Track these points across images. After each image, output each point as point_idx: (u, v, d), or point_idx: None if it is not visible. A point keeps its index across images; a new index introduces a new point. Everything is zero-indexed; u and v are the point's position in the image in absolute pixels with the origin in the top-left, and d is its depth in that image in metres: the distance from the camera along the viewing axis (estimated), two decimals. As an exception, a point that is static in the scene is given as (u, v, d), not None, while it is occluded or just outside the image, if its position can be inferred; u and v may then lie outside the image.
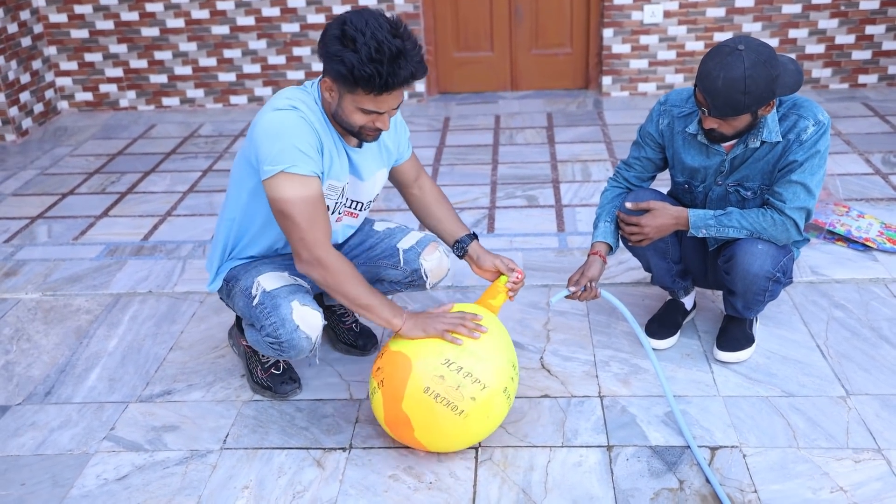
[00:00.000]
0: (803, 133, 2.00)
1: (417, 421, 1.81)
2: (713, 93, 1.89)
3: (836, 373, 2.18)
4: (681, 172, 2.20)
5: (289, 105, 1.81)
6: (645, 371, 2.24)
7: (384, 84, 1.70)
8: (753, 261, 2.07)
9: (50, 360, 2.44)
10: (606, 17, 4.57)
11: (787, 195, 2.04)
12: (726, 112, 1.92)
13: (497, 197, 3.43)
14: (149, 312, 2.67)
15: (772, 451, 1.91)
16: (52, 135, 4.54)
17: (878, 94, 4.51)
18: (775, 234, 2.07)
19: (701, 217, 2.10)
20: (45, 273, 2.94)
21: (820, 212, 2.94)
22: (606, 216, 2.22)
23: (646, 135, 2.22)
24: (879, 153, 3.66)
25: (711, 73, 1.89)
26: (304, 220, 1.78)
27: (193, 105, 4.88)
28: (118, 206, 3.53)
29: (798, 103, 2.05)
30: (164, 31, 4.72)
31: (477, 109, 4.62)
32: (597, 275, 2.12)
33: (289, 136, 1.77)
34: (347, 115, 1.80)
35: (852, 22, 4.50)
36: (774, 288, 2.15)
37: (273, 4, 4.63)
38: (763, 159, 2.07)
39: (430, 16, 4.74)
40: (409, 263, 2.11)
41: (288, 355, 1.94)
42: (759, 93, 1.88)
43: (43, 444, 2.07)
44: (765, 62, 1.87)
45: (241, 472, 1.94)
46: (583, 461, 1.91)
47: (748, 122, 1.97)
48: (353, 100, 1.76)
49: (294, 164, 1.76)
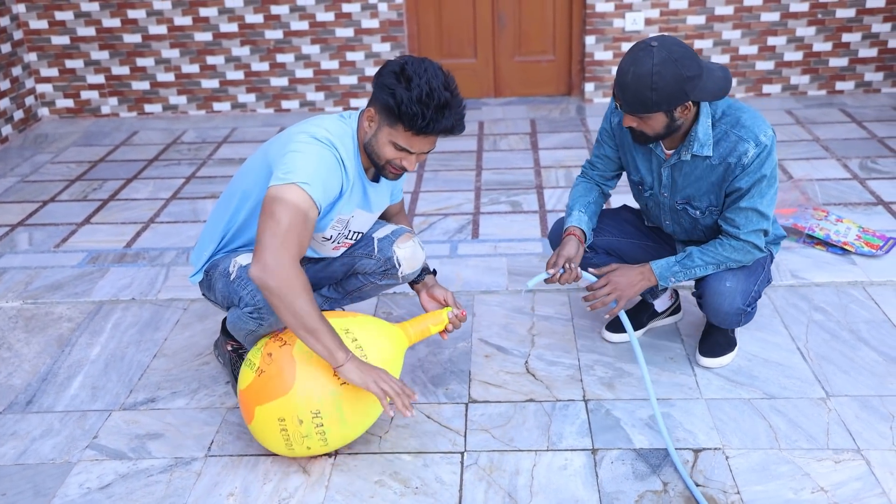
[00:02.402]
0: (744, 157, 1.98)
1: (257, 425, 1.88)
2: (623, 88, 1.90)
3: (816, 375, 2.21)
4: (633, 171, 2.21)
5: (327, 139, 1.87)
6: (629, 374, 2.26)
7: (425, 126, 1.81)
8: (723, 301, 2.09)
9: (31, 368, 2.42)
10: (588, 25, 4.62)
11: (739, 221, 2.04)
12: (636, 108, 1.90)
13: (481, 203, 3.45)
14: (132, 320, 2.65)
15: (754, 453, 1.93)
16: (33, 142, 4.50)
17: (855, 101, 4.59)
18: (739, 258, 2.08)
19: (665, 267, 2.10)
20: (25, 281, 2.91)
21: (799, 216, 2.99)
22: (580, 207, 2.21)
23: (603, 132, 2.24)
24: (857, 158, 3.72)
25: (622, 69, 1.90)
26: (286, 226, 1.76)
27: (176, 112, 4.86)
28: (100, 213, 3.51)
29: (740, 121, 1.99)
30: (147, 38, 4.70)
31: (460, 116, 4.64)
32: (573, 254, 2.09)
33: (316, 166, 1.83)
34: (379, 147, 1.89)
35: (829, 30, 4.58)
36: (749, 315, 2.17)
37: (256, 11, 4.63)
38: (703, 178, 2.05)
39: (414, 23, 4.76)
40: (382, 252, 2.13)
41: (268, 322, 1.95)
42: (667, 90, 1.86)
43: (24, 453, 2.04)
44: (675, 60, 1.86)
45: (227, 479, 1.93)
46: (568, 465, 1.92)
47: (665, 123, 1.94)
48: (389, 133, 1.86)
49: (309, 184, 1.80)
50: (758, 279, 2.14)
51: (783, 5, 4.54)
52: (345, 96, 4.80)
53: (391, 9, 4.61)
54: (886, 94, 4.67)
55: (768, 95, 4.73)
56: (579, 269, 2.09)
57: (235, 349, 2.22)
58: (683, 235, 2.24)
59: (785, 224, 2.96)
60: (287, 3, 4.62)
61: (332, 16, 4.64)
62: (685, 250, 2.12)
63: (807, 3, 4.53)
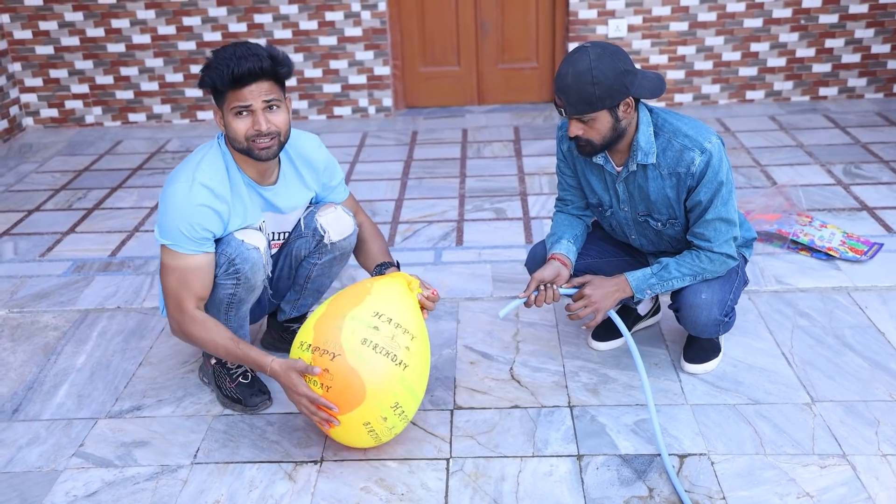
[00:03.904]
0: (692, 166, 1.99)
1: (340, 432, 1.91)
2: (565, 89, 1.92)
3: (801, 380, 2.23)
4: (591, 193, 2.22)
5: (191, 177, 1.96)
6: (614, 381, 2.27)
7: (231, 74, 1.89)
8: (700, 313, 2.11)
9: (17, 377, 2.40)
10: (571, 32, 4.65)
11: (709, 234, 2.06)
12: (580, 108, 1.92)
13: (465, 210, 3.46)
14: (117, 328, 2.64)
15: (739, 458, 1.94)
16: (17, 151, 4.47)
17: (839, 107, 4.63)
18: (715, 269, 2.10)
19: (641, 279, 2.11)
20: (11, 290, 2.89)
21: (783, 222, 3.01)
22: (569, 238, 2.21)
23: (559, 164, 2.26)
24: (840, 164, 3.76)
25: (561, 72, 1.93)
26: (173, 288, 1.97)
27: (160, 121, 4.85)
28: (85, 222, 3.49)
29: (681, 130, 2.00)
30: (131, 48, 4.69)
31: (444, 123, 4.66)
32: (549, 276, 2.09)
33: (178, 217, 1.95)
34: (231, 129, 1.96)
35: (812, 35, 4.64)
36: (727, 325, 2.18)
37: (240, 20, 4.64)
38: (657, 190, 2.06)
39: (397, 31, 4.78)
40: (308, 226, 2.22)
41: (246, 277, 2.02)
42: (608, 83, 1.88)
43: (11, 461, 2.03)
44: (611, 55, 1.90)
45: (213, 486, 1.92)
46: (553, 470, 1.93)
47: (610, 125, 1.95)
48: (226, 109, 1.95)
49: (175, 244, 1.96)
50: (732, 287, 2.16)
51: (766, 11, 4.59)
52: (328, 104, 4.80)
53: (374, 17, 4.63)
54: (870, 100, 4.72)
55: (752, 101, 4.78)
56: (556, 287, 2.09)
57: (219, 361, 2.21)
58: (651, 248, 2.26)
59: (769, 230, 2.98)
60: (271, 12, 4.62)
61: (315, 24, 4.64)
62: (660, 262, 2.12)
63: (790, 8, 4.58)
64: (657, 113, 2.06)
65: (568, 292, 2.11)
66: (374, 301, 1.91)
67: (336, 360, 1.83)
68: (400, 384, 1.86)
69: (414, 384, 1.91)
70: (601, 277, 2.12)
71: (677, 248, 2.21)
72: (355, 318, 1.87)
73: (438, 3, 4.72)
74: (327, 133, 4.53)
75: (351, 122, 4.78)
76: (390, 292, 1.97)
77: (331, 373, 1.84)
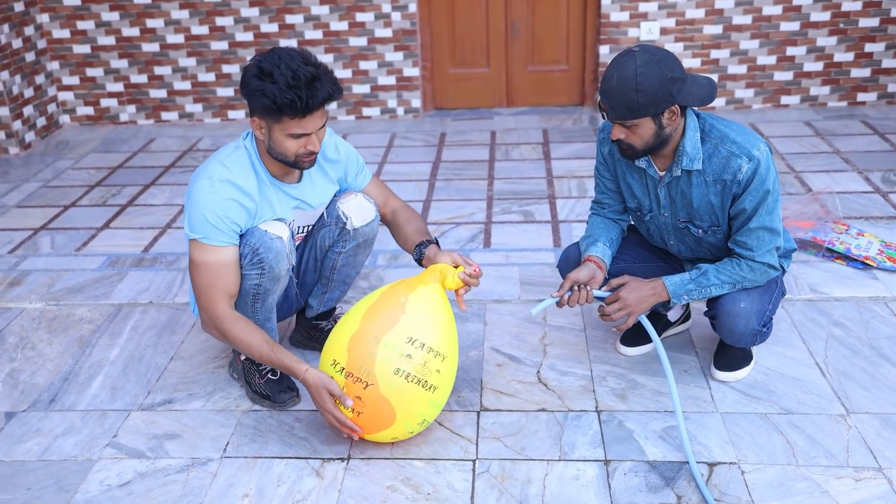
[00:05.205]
0: (738, 173, 1.96)
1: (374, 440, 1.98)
2: (609, 93, 1.90)
3: (835, 391, 2.19)
4: (630, 197, 2.20)
5: (218, 176, 1.97)
6: (642, 387, 2.25)
7: (305, 106, 1.88)
8: (738, 322, 2.07)
9: (54, 368, 2.45)
10: (603, 34, 4.63)
11: (751, 243, 2.02)
12: (622, 113, 1.90)
13: (493, 212, 3.45)
14: (150, 323, 2.68)
15: (770, 469, 1.92)
16: (55, 148, 4.56)
17: (878, 112, 4.55)
18: (755, 279, 2.06)
19: (679, 284, 2.08)
20: (48, 283, 2.95)
21: (819, 229, 2.96)
22: (605, 241, 2.19)
23: (598, 166, 2.24)
24: (879, 171, 3.69)
25: (606, 75, 1.91)
26: (203, 286, 1.98)
27: (192, 119, 4.91)
28: (119, 218, 3.55)
29: (729, 136, 1.98)
30: (165, 47, 4.76)
31: (472, 125, 4.66)
32: (583, 277, 2.07)
33: (205, 209, 1.95)
34: (280, 146, 1.97)
35: (851, 40, 4.55)
36: (764, 335, 2.15)
37: (272, 21, 4.68)
38: (701, 197, 2.04)
39: (427, 32, 4.79)
40: (331, 214, 2.23)
41: (270, 267, 2.02)
42: (652, 91, 1.85)
43: (48, 450, 2.08)
44: (658, 62, 1.86)
45: (242, 480, 1.94)
46: (580, 475, 1.92)
47: (653, 132, 1.93)
48: (280, 129, 1.93)
49: (205, 237, 1.97)
50: (772, 297, 2.12)
51: (803, 14, 4.53)
52: (357, 105, 4.83)
53: (404, 18, 4.64)
54: (909, 106, 4.63)
55: (787, 107, 4.71)
56: (589, 289, 2.06)
57: (249, 357, 2.23)
58: (689, 254, 2.24)
59: (804, 237, 2.93)
60: (302, 13, 4.66)
61: (345, 25, 4.67)
62: (699, 267, 2.09)
63: (828, 12, 4.51)
64: (705, 118, 2.03)
65: (601, 295, 2.09)
66: (408, 323, 1.90)
67: (369, 388, 1.87)
68: (428, 405, 1.92)
69: (441, 399, 1.96)
70: (638, 280, 2.10)
71: (716, 256, 2.17)
72: (389, 345, 1.87)
73: (469, 5, 4.73)
74: (356, 134, 4.56)
75: (379, 122, 4.80)
76: (425, 305, 1.94)
77: (363, 400, 1.88)
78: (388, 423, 1.90)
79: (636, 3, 4.55)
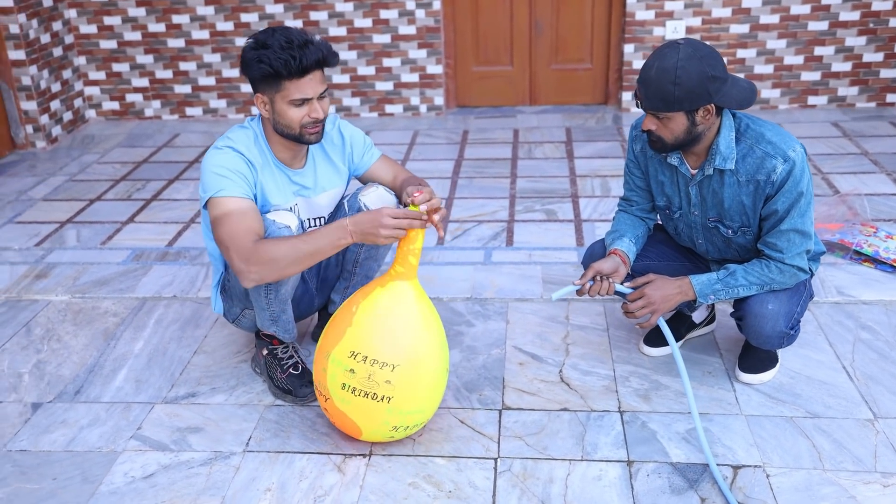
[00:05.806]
0: (773, 174, 1.93)
1: None
2: (646, 81, 1.88)
3: (862, 395, 2.16)
4: (660, 195, 2.18)
5: (223, 145, 2.03)
6: (665, 388, 2.23)
7: (300, 66, 1.93)
8: (765, 324, 2.04)
9: (79, 360, 2.48)
10: (628, 33, 4.59)
11: (782, 245, 2.00)
12: (656, 104, 1.88)
13: (516, 210, 3.44)
14: (173, 316, 2.70)
15: (796, 473, 1.89)
16: (81, 142, 4.62)
17: (906, 114, 4.48)
18: (784, 281, 2.04)
19: (706, 284, 2.05)
20: (74, 276, 2.99)
21: (846, 231, 2.92)
22: (631, 237, 2.17)
23: (628, 163, 2.22)
24: (905, 173, 3.64)
25: (647, 63, 1.90)
26: (228, 235, 1.93)
27: (216, 115, 4.95)
28: (143, 212, 3.58)
29: (765, 137, 1.95)
30: (190, 43, 4.79)
31: (495, 123, 4.65)
32: (607, 269, 2.04)
33: (216, 166, 1.98)
34: (284, 116, 2.00)
35: (881, 39, 4.48)
36: (792, 337, 2.12)
37: (296, 17, 4.70)
38: (733, 196, 2.01)
39: (451, 30, 4.78)
40: (352, 207, 2.23)
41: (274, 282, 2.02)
42: (689, 86, 1.83)
43: (73, 441, 2.11)
44: (701, 58, 1.84)
45: (264, 474, 1.95)
46: (603, 475, 1.91)
47: (685, 128, 1.91)
48: (281, 97, 1.98)
49: (219, 190, 1.96)
50: (800, 300, 2.09)
51: (832, 14, 4.46)
52: (380, 102, 4.84)
53: (429, 15, 4.64)
54: (937, 108, 4.56)
55: (814, 107, 4.65)
56: (611, 281, 2.04)
57: (271, 351, 2.25)
58: (717, 255, 2.21)
59: (831, 239, 2.90)
60: (326, 10, 4.67)
61: (369, 22, 4.68)
62: (727, 267, 2.07)
63: (857, 11, 4.44)
64: (741, 117, 2.00)
65: (624, 291, 2.07)
66: (353, 335, 1.88)
67: (328, 402, 1.95)
68: (388, 414, 1.89)
69: (405, 406, 1.89)
70: (664, 278, 2.08)
71: (744, 258, 2.15)
72: (335, 361, 1.90)
73: (493, 2, 4.71)
74: (379, 130, 4.57)
75: (402, 119, 4.80)
76: (378, 311, 1.90)
77: (329, 412, 1.96)
78: (357, 433, 1.96)
79: (662, 2, 4.51)
